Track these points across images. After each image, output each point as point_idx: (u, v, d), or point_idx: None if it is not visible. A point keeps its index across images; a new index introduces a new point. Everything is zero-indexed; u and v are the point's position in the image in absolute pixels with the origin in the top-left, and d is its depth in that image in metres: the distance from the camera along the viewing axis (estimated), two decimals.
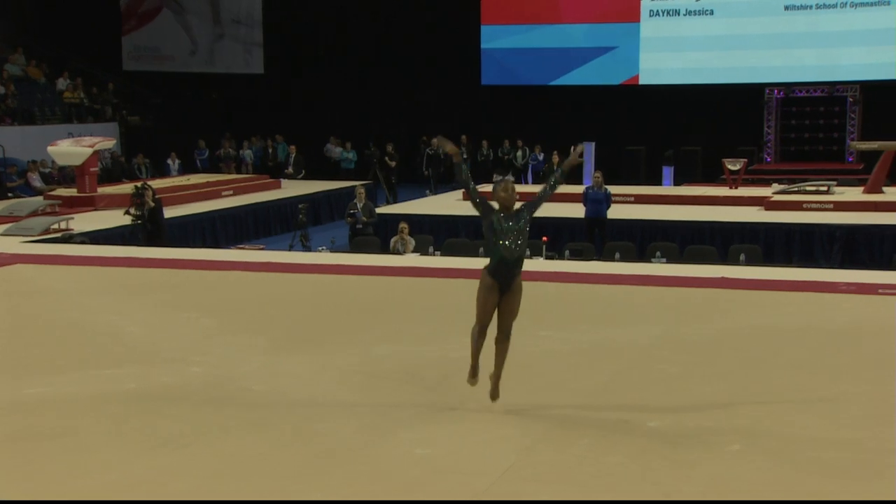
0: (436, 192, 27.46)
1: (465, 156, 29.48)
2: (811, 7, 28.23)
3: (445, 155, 28.64)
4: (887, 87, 27.43)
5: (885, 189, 22.66)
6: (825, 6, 28.12)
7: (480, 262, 15.11)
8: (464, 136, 29.81)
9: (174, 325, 11.40)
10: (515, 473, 6.96)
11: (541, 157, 28.94)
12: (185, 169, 29.49)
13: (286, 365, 9.71)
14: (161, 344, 10.55)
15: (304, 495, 6.65)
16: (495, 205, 7.80)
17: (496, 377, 7.95)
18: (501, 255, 7.66)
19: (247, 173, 29.62)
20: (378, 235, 18.99)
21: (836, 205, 21.46)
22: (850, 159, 28.04)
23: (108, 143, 25.30)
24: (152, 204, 18.56)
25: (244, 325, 11.36)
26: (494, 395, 7.96)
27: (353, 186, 21.53)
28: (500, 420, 8.00)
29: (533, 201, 7.94)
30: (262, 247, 19.29)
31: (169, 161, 29.29)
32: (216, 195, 24.48)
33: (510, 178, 7.08)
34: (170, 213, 20.78)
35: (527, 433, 7.73)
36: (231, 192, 25.09)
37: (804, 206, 21.43)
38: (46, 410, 8.43)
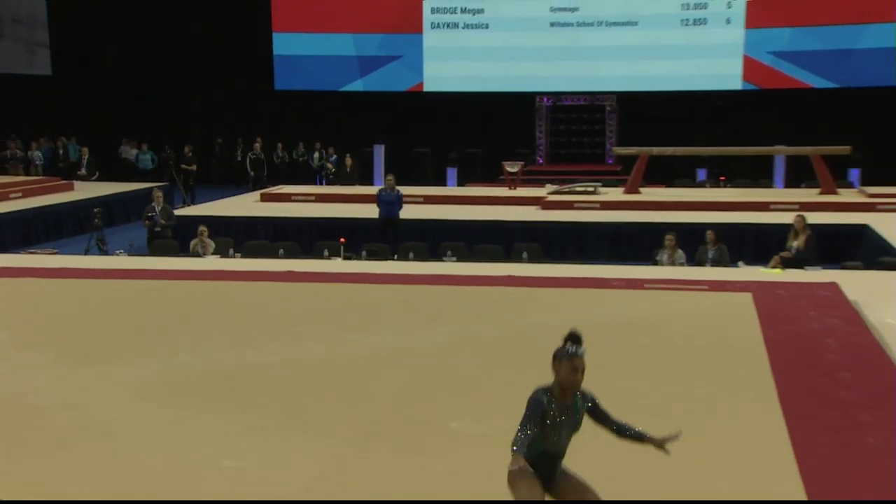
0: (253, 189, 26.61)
1: (262, 156, 28.72)
2: (573, 24, 28.71)
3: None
4: (638, 98, 28.09)
5: (641, 189, 23.13)
6: (584, 24, 28.64)
7: (281, 265, 14.78)
8: (259, 139, 29.06)
9: None
10: (325, 482, 6.53)
11: (333, 158, 28.44)
12: None
13: (80, 378, 8.87)
14: None
15: None
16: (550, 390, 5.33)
17: None
18: (545, 448, 5.25)
19: (36, 175, 27.66)
20: (177, 238, 18.07)
21: (603, 204, 21.92)
22: (610, 161, 28.58)
23: None
24: None
25: (34, 336, 10.41)
26: None
27: (150, 189, 20.62)
28: (307, 430, 7.48)
29: (600, 410, 5.43)
30: (54, 251, 17.95)
31: None
32: (3, 197, 22.69)
33: (583, 350, 5.24)
34: None
35: (334, 441, 7.26)
36: (20, 194, 23.38)
37: (575, 205, 21.79)
38: None
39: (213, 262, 15.52)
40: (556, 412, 5.19)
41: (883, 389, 8.34)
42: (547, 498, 5.23)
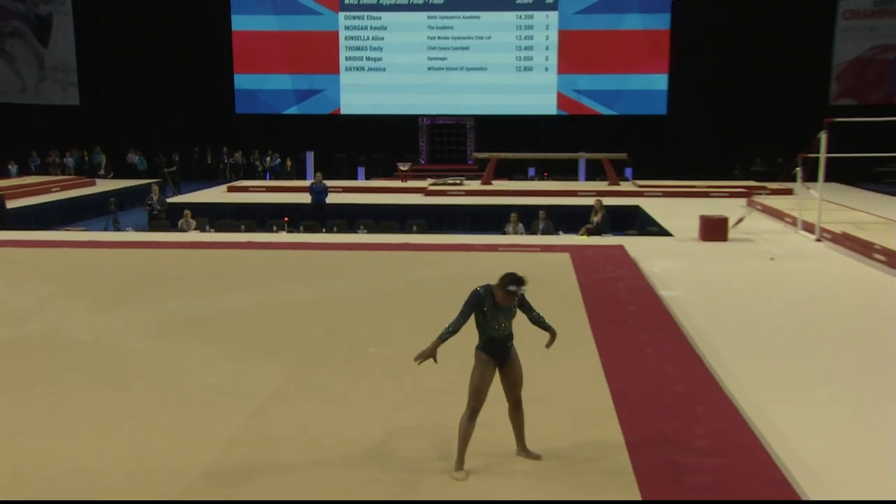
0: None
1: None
2: (444, 69, 28.45)
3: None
4: (489, 119, 28.07)
5: (492, 182, 23.16)
6: (451, 69, 28.35)
7: (243, 237, 14.46)
8: (225, 148, 28.47)
9: (18, 291, 9.93)
10: (283, 392, 6.38)
11: (277, 161, 27.87)
12: (22, 172, 26.32)
13: (104, 319, 8.59)
14: (7, 306, 9.13)
15: (124, 420, 5.76)
16: (490, 297, 4.91)
17: (523, 448, 5.12)
18: (491, 335, 4.93)
19: (69, 175, 26.55)
20: (169, 219, 17.42)
21: (466, 192, 21.93)
22: (471, 162, 28.46)
23: None
24: None
25: (71, 289, 10.03)
26: (535, 456, 5.10)
27: (150, 184, 19.96)
28: (264, 355, 7.32)
29: (525, 302, 5.10)
30: (82, 229, 17.28)
31: (9, 166, 26.12)
32: (46, 191, 21.93)
33: (523, 290, 4.94)
34: (11, 204, 18.62)
35: (286, 363, 7.12)
36: (58, 188, 22.55)
37: (448, 193, 21.74)
38: None
39: (194, 236, 15.11)
40: (492, 307, 4.84)
41: (655, 317, 8.57)
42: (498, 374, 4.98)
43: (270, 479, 4.88)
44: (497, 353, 4.93)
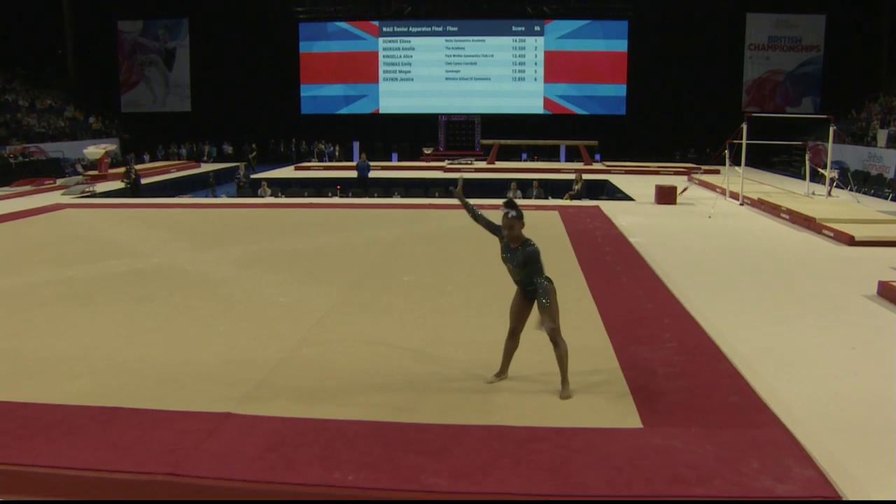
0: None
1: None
2: (457, 79, 27.82)
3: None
4: (491, 117, 27.30)
5: (496, 162, 22.58)
6: (463, 79, 27.72)
7: (306, 201, 14.12)
8: (294, 139, 28.01)
9: (145, 237, 9.71)
10: (337, 308, 6.05)
11: (331, 148, 27.28)
12: (153, 158, 26.49)
13: (204, 256, 8.32)
14: (138, 247, 8.92)
15: (218, 325, 5.45)
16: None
17: (503, 372, 4.35)
18: (513, 279, 4.20)
19: (183, 160, 26.46)
20: (251, 188, 17.18)
21: (476, 169, 21.34)
22: (478, 149, 27.88)
23: (112, 146, 22.58)
24: (134, 176, 16.60)
25: (181, 235, 9.81)
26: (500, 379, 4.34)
27: (238, 165, 19.65)
28: (320, 281, 6.99)
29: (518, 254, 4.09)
30: (191, 196, 17.04)
31: (144, 155, 26.19)
32: (168, 171, 21.80)
33: (512, 213, 3.96)
34: (146, 180, 18.49)
35: (339, 286, 6.79)
36: (175, 169, 22.43)
37: (461, 170, 21.13)
38: (79, 283, 7.01)
39: (270, 200, 14.82)
40: (504, 251, 4.09)
41: (625, 255, 8.21)
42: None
43: (328, 371, 4.57)
44: (522, 291, 4.17)
